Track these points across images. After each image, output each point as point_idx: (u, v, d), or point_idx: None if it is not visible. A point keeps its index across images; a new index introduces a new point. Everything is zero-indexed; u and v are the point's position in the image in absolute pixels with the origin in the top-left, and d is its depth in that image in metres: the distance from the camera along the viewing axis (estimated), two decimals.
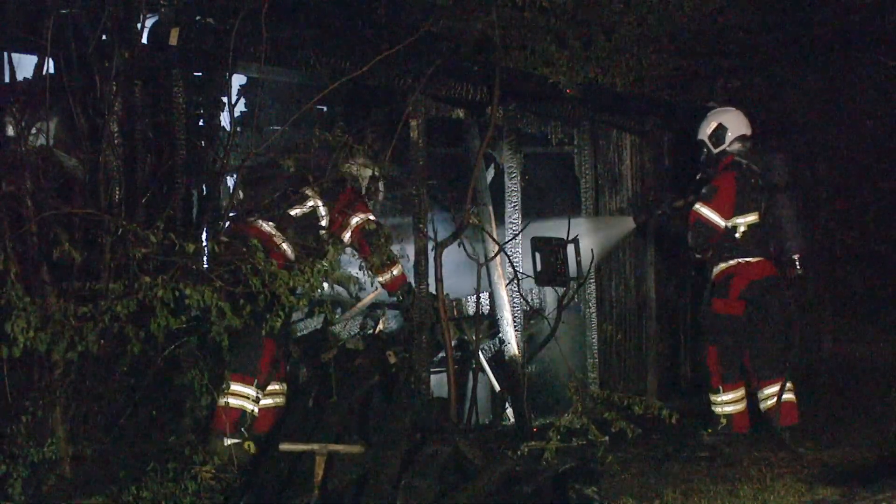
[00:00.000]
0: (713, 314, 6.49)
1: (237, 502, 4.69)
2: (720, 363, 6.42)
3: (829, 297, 9.85)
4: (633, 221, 7.19)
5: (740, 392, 6.44)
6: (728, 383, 6.40)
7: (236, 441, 5.26)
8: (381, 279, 6.23)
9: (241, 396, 5.43)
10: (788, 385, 6.35)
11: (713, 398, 6.47)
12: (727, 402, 6.41)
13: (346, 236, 6.06)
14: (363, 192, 6.33)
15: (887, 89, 9.39)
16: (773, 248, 6.39)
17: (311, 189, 5.95)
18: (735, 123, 6.58)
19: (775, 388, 6.32)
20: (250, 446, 5.22)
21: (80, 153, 4.98)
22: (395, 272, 6.25)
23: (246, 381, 5.44)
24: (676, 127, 8.64)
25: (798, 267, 6.35)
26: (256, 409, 5.48)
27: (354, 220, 6.06)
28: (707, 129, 6.62)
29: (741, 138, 6.54)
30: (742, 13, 9.06)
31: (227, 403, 5.37)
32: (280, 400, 5.75)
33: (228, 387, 5.37)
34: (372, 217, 6.13)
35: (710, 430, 6.47)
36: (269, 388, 5.65)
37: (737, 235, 6.38)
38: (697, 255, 6.63)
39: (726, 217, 6.35)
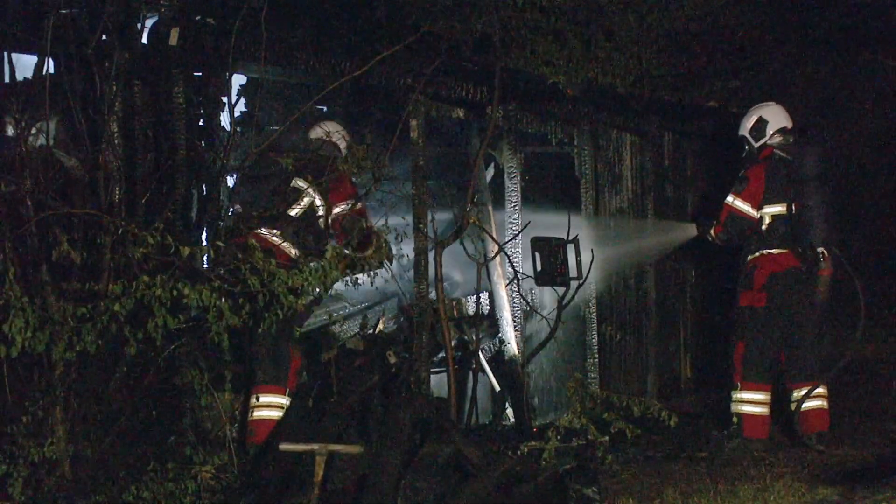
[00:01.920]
0: (740, 308, 6.35)
1: (237, 502, 4.69)
2: (743, 359, 6.24)
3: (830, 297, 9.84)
4: (695, 230, 6.95)
5: (761, 395, 6.19)
6: (748, 381, 6.18)
7: None
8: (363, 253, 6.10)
9: (275, 407, 5.46)
10: (820, 391, 6.19)
11: (732, 395, 6.28)
12: (743, 402, 6.19)
13: (329, 220, 5.98)
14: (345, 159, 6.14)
15: (887, 89, 9.39)
16: (799, 242, 6.23)
17: (306, 181, 5.84)
18: (775, 116, 6.48)
19: (802, 393, 6.17)
20: None
21: (80, 153, 4.98)
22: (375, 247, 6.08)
23: (278, 392, 5.49)
24: (676, 127, 8.65)
25: (822, 261, 6.20)
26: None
27: (339, 209, 5.96)
28: (748, 124, 6.53)
29: (782, 131, 6.43)
30: (742, 13, 9.06)
31: (261, 416, 5.42)
32: (277, 414, 5.62)
33: (258, 399, 5.42)
34: (350, 203, 5.98)
35: (716, 432, 6.38)
36: (274, 400, 5.58)
37: (763, 227, 6.32)
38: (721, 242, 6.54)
39: (757, 207, 6.28)
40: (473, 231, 6.70)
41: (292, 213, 5.80)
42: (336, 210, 5.97)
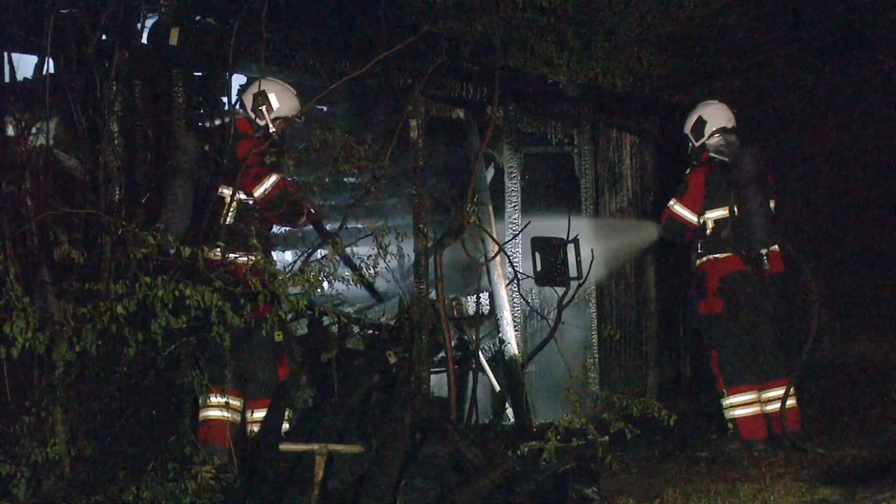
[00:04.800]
0: (701, 316, 6.39)
1: (237, 502, 4.69)
2: (721, 366, 6.26)
3: (829, 297, 9.84)
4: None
5: (750, 395, 6.19)
6: (732, 386, 6.19)
7: None
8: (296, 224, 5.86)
9: None
10: (791, 391, 6.17)
11: (722, 403, 6.28)
12: (734, 406, 6.19)
13: (258, 193, 5.53)
14: (270, 124, 5.63)
15: (887, 89, 9.38)
16: (743, 245, 6.22)
17: (228, 187, 5.34)
18: (714, 116, 6.45)
19: (777, 392, 6.17)
20: None
21: (80, 153, 4.98)
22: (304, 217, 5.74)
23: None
24: (676, 127, 8.64)
25: (766, 262, 6.16)
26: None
27: (261, 190, 5.54)
28: (689, 123, 6.52)
29: (721, 131, 6.40)
30: (742, 13, 9.06)
31: (253, 431, 5.41)
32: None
33: (253, 414, 5.43)
34: (273, 179, 5.54)
35: (714, 436, 6.39)
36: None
37: (707, 232, 6.33)
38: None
39: (697, 212, 6.32)
40: (473, 231, 6.71)
41: (227, 221, 5.32)
42: (258, 192, 5.53)
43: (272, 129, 5.64)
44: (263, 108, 5.64)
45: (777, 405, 6.18)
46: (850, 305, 10.07)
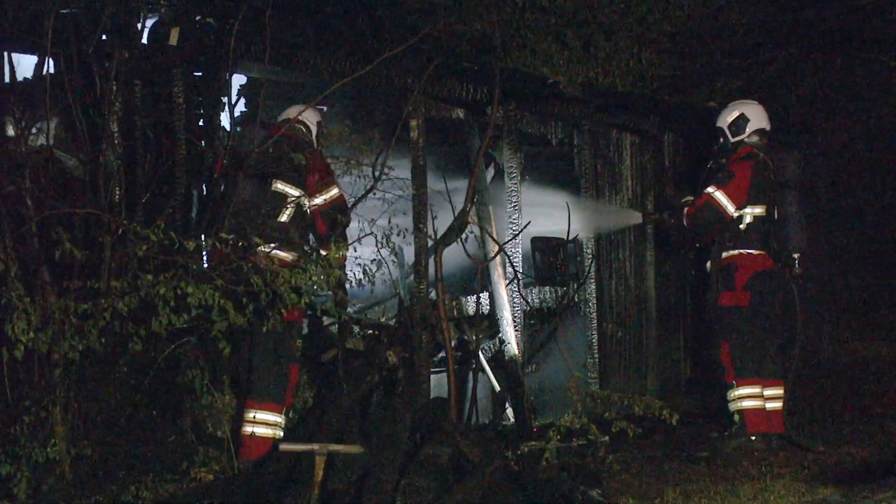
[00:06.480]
0: (722, 308, 6.36)
1: (237, 502, 4.68)
2: (733, 357, 6.25)
3: (829, 297, 9.85)
4: (640, 217, 7.03)
5: (758, 388, 6.21)
6: (742, 378, 6.20)
7: None
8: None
9: (271, 425, 5.41)
10: (781, 392, 6.24)
11: (728, 395, 6.27)
12: (742, 398, 6.18)
13: (319, 200, 5.75)
14: (314, 141, 5.98)
15: (887, 89, 9.39)
16: (775, 244, 6.32)
17: (287, 184, 5.61)
18: (756, 116, 6.51)
19: (775, 391, 6.22)
20: None
21: (80, 153, 4.99)
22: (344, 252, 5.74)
23: (275, 410, 5.44)
24: (676, 127, 8.65)
25: (797, 265, 6.29)
26: (281, 434, 5.47)
27: (320, 199, 5.75)
28: (728, 118, 6.57)
29: (760, 131, 6.48)
30: (742, 13, 9.07)
31: (254, 433, 5.36)
32: (273, 433, 5.51)
33: (255, 416, 5.37)
34: (335, 192, 5.80)
35: (716, 434, 6.40)
36: (271, 418, 5.49)
37: (741, 226, 6.36)
38: (697, 244, 6.60)
39: (737, 205, 6.33)
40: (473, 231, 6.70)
41: (283, 219, 5.60)
42: (316, 201, 5.73)
43: (316, 146, 5.99)
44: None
45: (774, 404, 6.23)
46: (851, 306, 10.08)
